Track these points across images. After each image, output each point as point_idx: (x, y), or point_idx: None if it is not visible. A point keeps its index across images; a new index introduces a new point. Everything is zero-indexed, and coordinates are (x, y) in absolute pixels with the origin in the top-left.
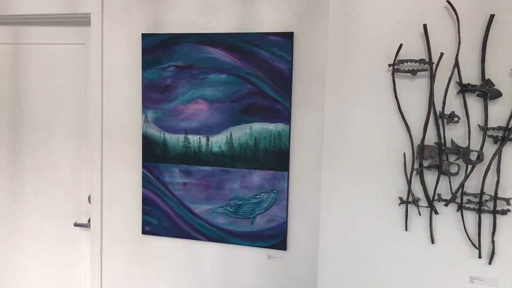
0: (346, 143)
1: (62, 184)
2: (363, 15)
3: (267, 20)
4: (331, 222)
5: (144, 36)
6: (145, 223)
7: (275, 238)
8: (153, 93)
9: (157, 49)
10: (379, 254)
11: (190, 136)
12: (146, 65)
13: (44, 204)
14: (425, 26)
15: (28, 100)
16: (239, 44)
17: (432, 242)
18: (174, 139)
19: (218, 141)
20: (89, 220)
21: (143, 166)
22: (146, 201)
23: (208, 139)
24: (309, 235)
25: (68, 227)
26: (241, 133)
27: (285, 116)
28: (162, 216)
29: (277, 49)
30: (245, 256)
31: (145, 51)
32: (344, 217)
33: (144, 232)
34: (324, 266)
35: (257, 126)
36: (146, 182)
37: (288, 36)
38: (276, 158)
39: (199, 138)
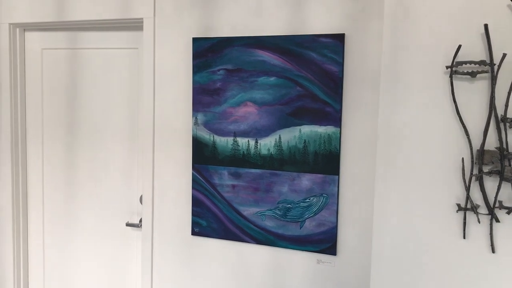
0: (401, 147)
1: (115, 184)
2: (419, 15)
3: (317, 22)
4: (385, 228)
5: (195, 40)
6: (194, 224)
7: (325, 242)
8: (203, 96)
9: (208, 53)
10: (435, 262)
11: (239, 139)
12: (197, 68)
13: (97, 204)
14: (486, 26)
15: (83, 103)
16: (289, 46)
17: (493, 251)
18: (223, 142)
19: (267, 143)
20: (140, 220)
21: (193, 168)
22: (195, 203)
23: (257, 142)
24: (360, 240)
25: (120, 226)
26: (290, 136)
27: (335, 119)
28: (211, 218)
29: (328, 51)
30: (294, 260)
31: (196, 55)
32: (399, 223)
33: (193, 233)
34: (376, 273)
35: (307, 129)
36: (196, 184)
37: (339, 38)
38: (326, 161)
39: (248, 140)
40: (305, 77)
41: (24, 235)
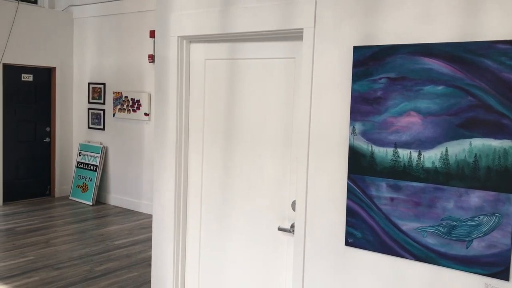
0: None
1: (268, 189)
2: None
3: (493, 28)
4: None
5: (356, 48)
6: (348, 234)
7: (496, 266)
8: (362, 105)
9: (369, 61)
10: None
11: (399, 150)
12: (357, 77)
13: (250, 207)
14: None
15: (241, 110)
16: (460, 53)
17: None
18: (382, 152)
19: (432, 156)
20: (291, 226)
21: (349, 177)
22: (350, 213)
23: (420, 154)
24: None
25: (271, 230)
26: (459, 149)
27: None
28: (366, 229)
29: (506, 58)
30: (458, 281)
31: (356, 63)
32: None
33: (347, 243)
34: None
35: (478, 142)
36: (351, 194)
37: None
38: (500, 178)
39: (410, 152)
40: (478, 86)
41: (183, 232)
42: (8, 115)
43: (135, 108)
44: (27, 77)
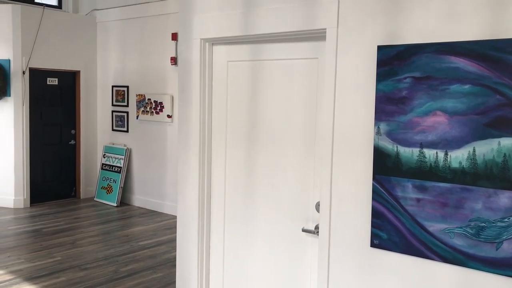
0: None
1: (291, 190)
2: None
3: None
4: None
5: (380, 48)
6: (374, 236)
7: None
8: (387, 105)
9: (393, 60)
10: None
11: (425, 150)
12: (381, 77)
13: (273, 207)
14: None
15: (263, 111)
16: (487, 51)
17: None
18: (408, 153)
19: (459, 156)
20: (316, 227)
21: (374, 178)
22: (375, 214)
23: (446, 154)
24: None
25: (294, 231)
26: (487, 148)
27: None
28: (392, 231)
29: None
30: (487, 283)
31: (380, 63)
32: None
33: (372, 245)
34: None
35: (507, 142)
36: (376, 195)
37: None
38: None
39: (436, 152)
40: (506, 85)
41: (207, 232)
42: (35, 119)
43: (158, 110)
44: (53, 81)
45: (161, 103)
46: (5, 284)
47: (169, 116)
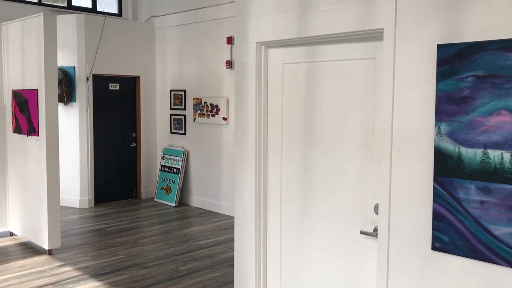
0: None
1: (348, 192)
2: None
3: None
4: None
5: (440, 47)
6: (435, 239)
7: None
8: (448, 105)
9: (454, 59)
10: None
11: (489, 151)
12: (441, 76)
13: (330, 209)
14: None
15: (319, 113)
16: None
17: None
18: (471, 154)
19: None
20: (374, 229)
21: (435, 180)
22: (436, 217)
23: None
24: None
25: (352, 233)
26: None
27: None
28: (454, 234)
29: None
30: None
31: (440, 62)
32: None
33: (433, 248)
34: None
35: None
36: (437, 197)
37: None
38: None
39: (501, 153)
40: None
41: (264, 233)
42: (98, 122)
43: (214, 113)
44: (114, 86)
45: (216, 106)
46: (74, 280)
47: (224, 119)
